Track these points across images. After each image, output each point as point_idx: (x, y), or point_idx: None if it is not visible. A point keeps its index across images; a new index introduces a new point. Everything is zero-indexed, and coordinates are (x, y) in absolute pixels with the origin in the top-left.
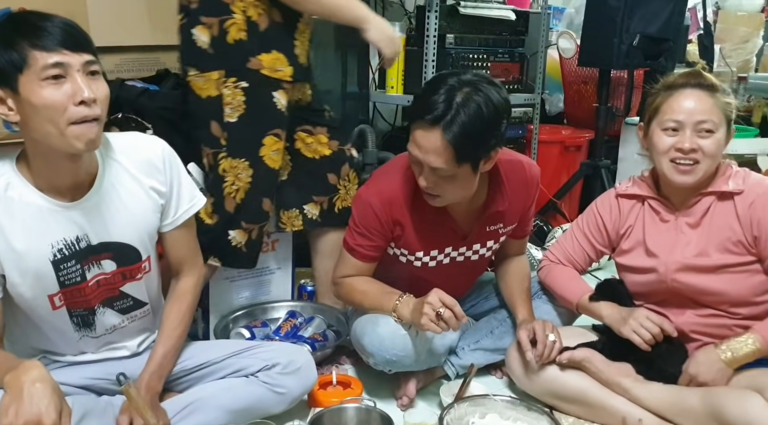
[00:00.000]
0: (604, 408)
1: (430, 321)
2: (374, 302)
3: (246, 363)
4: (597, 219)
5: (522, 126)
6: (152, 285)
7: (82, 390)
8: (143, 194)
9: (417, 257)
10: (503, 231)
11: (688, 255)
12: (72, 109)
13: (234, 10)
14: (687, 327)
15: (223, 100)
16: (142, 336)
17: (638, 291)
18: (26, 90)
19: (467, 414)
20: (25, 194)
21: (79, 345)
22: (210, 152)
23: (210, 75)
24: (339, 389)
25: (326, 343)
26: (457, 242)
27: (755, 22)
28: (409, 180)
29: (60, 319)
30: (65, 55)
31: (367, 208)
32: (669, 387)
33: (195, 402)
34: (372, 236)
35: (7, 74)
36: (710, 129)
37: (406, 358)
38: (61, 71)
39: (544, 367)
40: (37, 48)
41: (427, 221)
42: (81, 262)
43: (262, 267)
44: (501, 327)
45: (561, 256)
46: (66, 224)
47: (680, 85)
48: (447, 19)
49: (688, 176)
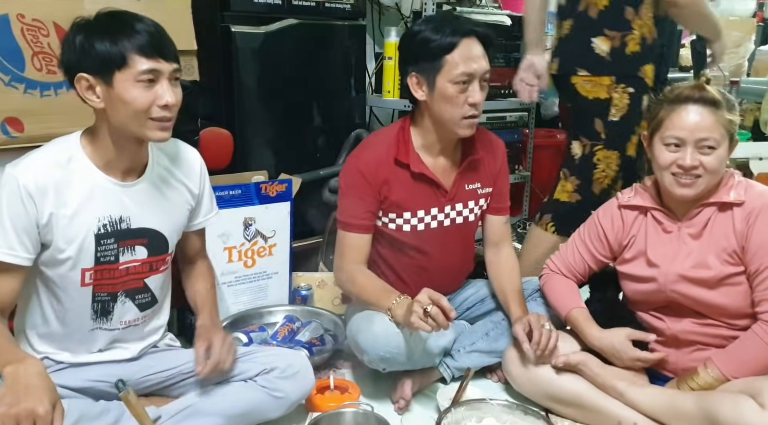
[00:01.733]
0: (600, 412)
1: (419, 318)
2: (372, 296)
3: (244, 367)
4: (599, 230)
5: (517, 130)
6: (165, 284)
7: (79, 395)
8: (181, 191)
9: (405, 220)
10: (482, 192)
11: (687, 266)
12: (155, 109)
13: (634, 27)
14: (684, 334)
15: (611, 103)
16: (147, 342)
17: (638, 299)
18: (120, 86)
19: (464, 418)
20: (84, 168)
21: (89, 336)
22: (588, 142)
23: (601, 79)
24: (336, 393)
25: (324, 347)
26: (441, 201)
27: (747, 27)
28: (391, 146)
29: (83, 301)
30: (160, 62)
31: (355, 173)
32: (664, 390)
33: (192, 406)
34: (363, 200)
35: (105, 68)
36: (712, 146)
37: (400, 356)
38: (153, 77)
39: (542, 361)
40: (138, 53)
41: (411, 181)
42: (118, 242)
43: (259, 271)
44: (496, 329)
45: (561, 265)
46: (114, 202)
47: (683, 100)
48: None
49: (689, 189)
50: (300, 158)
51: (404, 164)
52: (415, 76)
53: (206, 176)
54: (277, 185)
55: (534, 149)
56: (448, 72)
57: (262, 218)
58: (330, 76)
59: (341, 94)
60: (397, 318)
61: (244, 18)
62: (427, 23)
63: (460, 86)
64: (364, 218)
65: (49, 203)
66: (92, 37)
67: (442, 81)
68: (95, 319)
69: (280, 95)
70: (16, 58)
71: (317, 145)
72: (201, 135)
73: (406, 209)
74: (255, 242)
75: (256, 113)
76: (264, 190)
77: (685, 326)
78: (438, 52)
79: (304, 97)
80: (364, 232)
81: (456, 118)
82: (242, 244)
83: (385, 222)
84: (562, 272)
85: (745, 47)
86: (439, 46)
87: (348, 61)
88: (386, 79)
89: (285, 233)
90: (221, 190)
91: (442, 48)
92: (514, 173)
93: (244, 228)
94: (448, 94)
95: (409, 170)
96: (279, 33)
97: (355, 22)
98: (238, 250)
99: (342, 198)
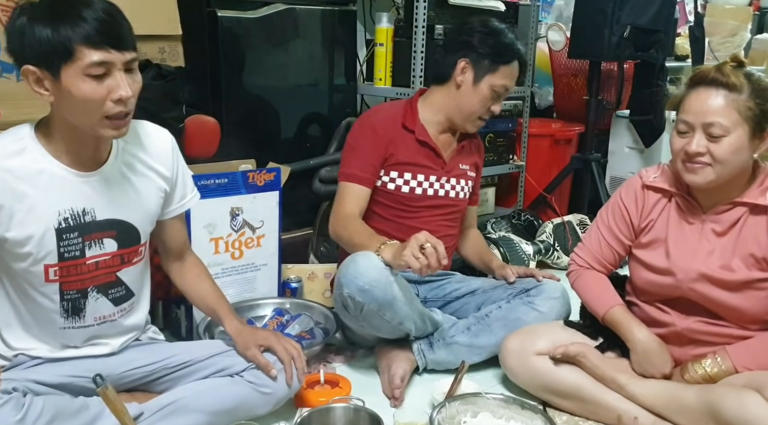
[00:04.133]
0: (599, 405)
1: (412, 253)
2: (363, 238)
3: (230, 361)
4: (623, 211)
5: (512, 120)
6: (142, 276)
7: (57, 391)
8: (151, 177)
9: (405, 180)
10: (470, 175)
11: (713, 266)
12: (109, 104)
13: None
14: (690, 332)
15: None
16: (127, 336)
17: (648, 289)
18: (67, 81)
19: (459, 413)
20: (39, 159)
21: (61, 335)
22: None
23: None
24: (327, 388)
25: (314, 341)
26: (439, 171)
27: (743, 15)
28: (399, 112)
29: (51, 297)
30: (111, 53)
31: (367, 126)
32: (665, 383)
33: (176, 401)
34: (370, 153)
35: (49, 61)
36: (719, 132)
37: (379, 290)
38: (104, 70)
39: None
40: (85, 44)
41: (415, 144)
42: (83, 236)
43: (247, 263)
44: (478, 324)
45: (590, 258)
46: (75, 194)
47: (696, 83)
48: (436, 10)
49: (696, 175)
50: (289, 147)
51: (410, 130)
52: (465, 62)
53: (180, 158)
54: (265, 173)
55: (528, 139)
56: (496, 79)
57: (249, 207)
58: (320, 63)
59: (331, 82)
60: (385, 256)
61: (230, 2)
62: (508, 27)
63: (495, 94)
64: (368, 170)
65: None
66: (34, 25)
67: (486, 82)
68: (66, 318)
69: (268, 82)
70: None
71: (307, 134)
72: (186, 123)
73: (407, 170)
74: (242, 232)
75: (243, 100)
76: (252, 179)
77: (692, 323)
78: (505, 56)
79: (293, 84)
80: (366, 184)
81: (474, 115)
82: (229, 235)
83: (385, 181)
84: (592, 266)
85: (740, 36)
86: (509, 52)
87: (338, 47)
88: (378, 66)
89: (273, 224)
90: (207, 178)
91: (509, 54)
92: (508, 163)
93: (231, 218)
94: (484, 95)
95: (414, 135)
96: (267, 18)
97: (346, 8)
98: (224, 241)
99: (348, 151)
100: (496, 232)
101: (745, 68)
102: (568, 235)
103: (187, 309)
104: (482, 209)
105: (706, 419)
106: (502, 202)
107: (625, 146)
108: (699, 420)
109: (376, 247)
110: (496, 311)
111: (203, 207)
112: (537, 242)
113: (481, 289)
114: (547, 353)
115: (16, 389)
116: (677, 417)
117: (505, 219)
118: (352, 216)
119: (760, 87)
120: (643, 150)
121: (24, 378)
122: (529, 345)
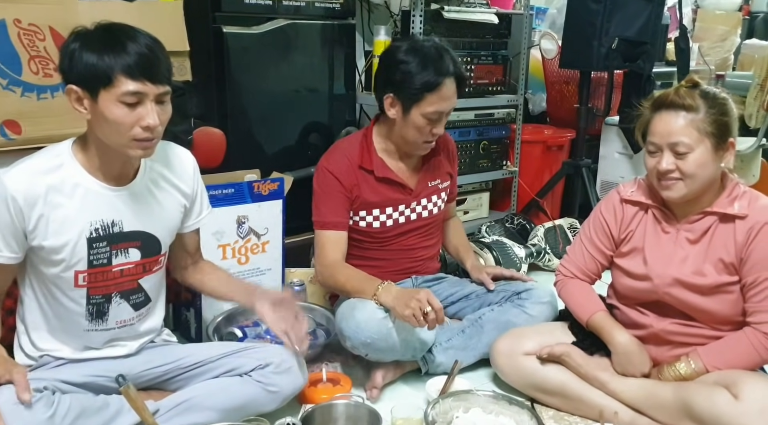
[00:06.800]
0: (583, 401)
1: (413, 315)
2: (356, 285)
3: (240, 362)
4: (603, 224)
5: (505, 126)
6: (160, 284)
7: (80, 389)
8: (174, 194)
9: (375, 217)
10: (442, 187)
11: (686, 272)
12: (137, 129)
13: None
14: (666, 333)
15: None
16: (144, 339)
17: (627, 294)
18: (103, 104)
19: (451, 409)
20: (75, 174)
21: (84, 337)
22: None
23: None
24: (329, 386)
25: (316, 341)
26: (408, 199)
27: (733, 21)
28: (354, 154)
29: (78, 301)
30: (146, 85)
31: (327, 175)
32: (644, 381)
33: (189, 400)
34: (337, 199)
35: (91, 84)
36: (684, 150)
37: (381, 341)
38: (137, 99)
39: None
40: (124, 73)
41: (377, 183)
42: (111, 245)
43: (253, 268)
44: (471, 327)
45: (574, 269)
46: (106, 206)
47: (658, 107)
48: (431, 23)
49: (670, 191)
50: (292, 156)
51: (369, 170)
52: (391, 98)
53: (199, 178)
54: (270, 183)
55: (521, 145)
56: (424, 108)
57: (254, 216)
58: (320, 74)
59: (332, 93)
60: (384, 302)
61: (235, 19)
62: (413, 55)
63: (430, 120)
64: (340, 214)
65: (38, 209)
66: (84, 50)
67: (416, 112)
68: (90, 321)
69: (271, 94)
70: (13, 62)
71: (309, 143)
72: (194, 135)
73: (375, 207)
74: (248, 239)
75: (248, 112)
76: (256, 188)
77: (668, 325)
78: (420, 88)
79: (294, 96)
80: (341, 228)
81: (418, 141)
82: (236, 241)
83: (356, 221)
84: (576, 275)
85: (730, 41)
86: (423, 84)
87: (338, 59)
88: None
89: (277, 231)
90: (215, 189)
91: (424, 86)
92: (502, 168)
93: (237, 226)
94: (418, 124)
95: (374, 175)
96: (270, 33)
97: (345, 21)
98: (231, 247)
99: (317, 200)
100: (490, 236)
101: (700, 87)
102: (559, 238)
103: (196, 312)
104: (476, 213)
105: (680, 414)
106: (495, 206)
107: (615, 152)
108: (674, 415)
109: (372, 292)
110: (489, 314)
111: (212, 216)
112: (529, 245)
113: (474, 294)
114: (535, 353)
115: (46, 387)
116: (654, 413)
117: (498, 223)
118: (336, 263)
119: (716, 103)
120: (632, 156)
121: (51, 378)
122: (518, 346)
